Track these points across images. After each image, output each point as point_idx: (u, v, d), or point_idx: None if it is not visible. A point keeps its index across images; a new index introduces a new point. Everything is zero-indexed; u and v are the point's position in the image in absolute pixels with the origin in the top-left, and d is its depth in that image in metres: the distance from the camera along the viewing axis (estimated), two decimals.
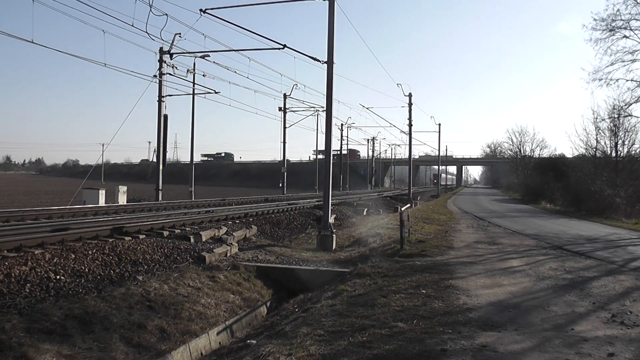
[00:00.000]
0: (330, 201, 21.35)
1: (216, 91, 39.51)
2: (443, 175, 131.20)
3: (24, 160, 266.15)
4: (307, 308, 10.75)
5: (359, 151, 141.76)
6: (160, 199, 35.47)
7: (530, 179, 73.12)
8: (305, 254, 18.40)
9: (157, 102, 35.94)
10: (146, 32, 24.06)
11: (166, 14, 24.11)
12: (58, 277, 10.96)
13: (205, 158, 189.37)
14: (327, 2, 20.67)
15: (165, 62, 34.79)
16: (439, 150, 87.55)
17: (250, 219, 24.34)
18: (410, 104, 50.92)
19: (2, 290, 9.65)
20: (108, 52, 46.73)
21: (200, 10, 22.18)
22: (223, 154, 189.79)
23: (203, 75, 37.44)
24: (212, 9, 22.29)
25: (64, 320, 8.88)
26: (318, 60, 21.92)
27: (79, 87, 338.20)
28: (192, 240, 16.73)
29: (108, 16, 23.18)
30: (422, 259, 14.59)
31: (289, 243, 21.93)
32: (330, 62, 20.95)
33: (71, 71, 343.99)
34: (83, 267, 11.85)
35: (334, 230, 20.91)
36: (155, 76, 34.52)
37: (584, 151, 48.47)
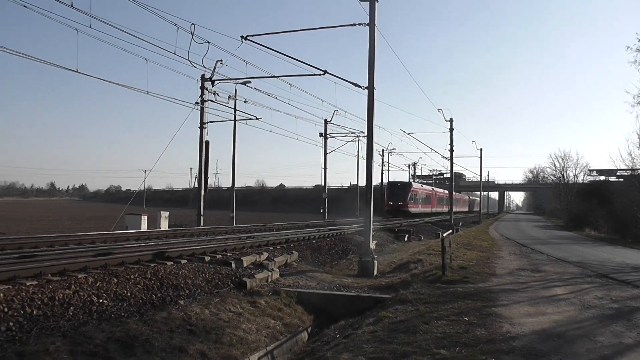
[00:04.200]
0: (371, 227, 21.22)
1: (257, 117, 39.89)
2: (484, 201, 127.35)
3: (68, 187, 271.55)
4: (348, 334, 10.67)
5: None
6: (201, 224, 35.70)
7: (574, 205, 71.88)
8: (347, 280, 18.27)
9: (198, 129, 36.37)
10: (188, 60, 24.39)
11: (208, 42, 24.40)
12: (101, 300, 11.07)
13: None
14: (368, 27, 20.66)
15: (206, 88, 35.21)
16: (480, 176, 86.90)
17: (292, 245, 24.32)
18: (451, 129, 50.66)
19: (46, 313, 9.78)
20: (150, 79, 47.56)
21: (242, 37, 22.38)
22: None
23: (244, 102, 37.74)
24: (253, 35, 22.50)
25: (106, 343, 8.93)
26: (359, 86, 21.95)
27: (121, 114, 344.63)
28: (233, 265, 16.74)
29: (151, 44, 23.46)
30: (464, 285, 14.43)
31: (330, 269, 21.85)
32: (371, 88, 20.92)
33: (114, 99, 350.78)
34: (125, 291, 11.95)
35: (375, 256, 20.75)
36: (197, 103, 34.93)
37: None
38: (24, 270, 11.83)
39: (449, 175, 59.42)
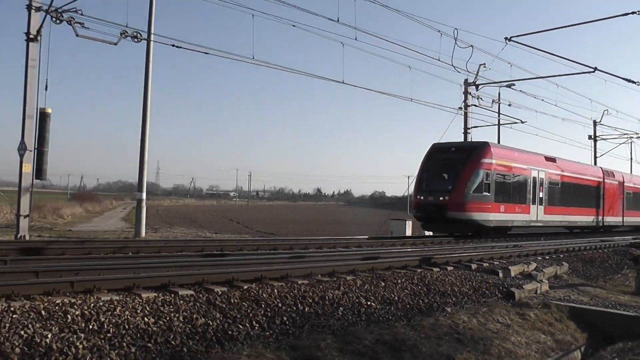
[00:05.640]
0: None
1: (522, 121, 38.68)
2: None
3: (333, 192, 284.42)
4: (628, 359, 9.75)
5: None
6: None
7: None
8: (623, 298, 16.81)
9: (462, 134, 36.17)
10: (452, 65, 24.37)
11: (471, 46, 24.21)
12: (368, 303, 11.22)
13: None
14: None
15: (470, 93, 34.93)
16: None
17: (561, 256, 23.00)
18: None
19: (317, 311, 10.12)
20: (413, 86, 48.35)
21: (505, 38, 22.08)
22: None
23: (508, 105, 36.84)
24: (517, 36, 22.05)
25: (374, 345, 9.00)
26: (633, 82, 20.37)
27: (385, 121, 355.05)
28: (500, 274, 16.20)
29: (414, 52, 23.79)
30: None
31: (604, 284, 20.30)
32: None
33: (378, 107, 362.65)
34: (392, 295, 12.02)
35: None
36: (460, 108, 34.80)
37: None
38: (295, 270, 12.48)
39: None
